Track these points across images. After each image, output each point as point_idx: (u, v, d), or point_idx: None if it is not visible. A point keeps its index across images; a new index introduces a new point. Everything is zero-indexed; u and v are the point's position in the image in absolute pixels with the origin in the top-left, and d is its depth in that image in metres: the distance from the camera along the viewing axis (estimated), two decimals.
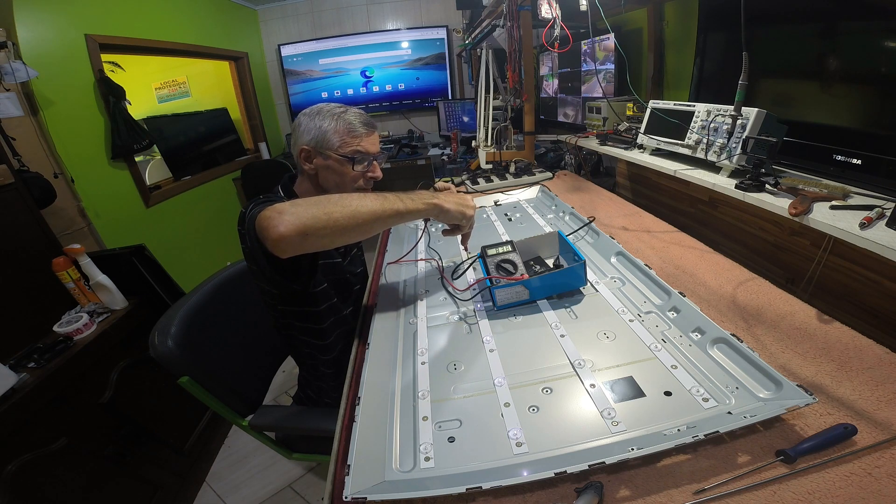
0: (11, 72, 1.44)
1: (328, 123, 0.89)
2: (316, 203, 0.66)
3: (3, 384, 1.00)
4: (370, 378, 0.66)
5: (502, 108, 1.81)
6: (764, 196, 0.94)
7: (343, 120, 0.90)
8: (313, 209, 0.64)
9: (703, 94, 1.52)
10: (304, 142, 0.90)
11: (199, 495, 1.53)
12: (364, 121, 0.93)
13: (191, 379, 0.86)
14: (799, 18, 1.12)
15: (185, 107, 2.92)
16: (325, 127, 0.89)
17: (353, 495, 0.47)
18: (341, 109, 0.92)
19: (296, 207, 0.64)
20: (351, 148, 0.90)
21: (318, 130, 0.89)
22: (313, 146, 0.90)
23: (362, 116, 0.93)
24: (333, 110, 0.91)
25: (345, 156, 0.90)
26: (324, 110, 0.91)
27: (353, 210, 0.67)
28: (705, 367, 0.62)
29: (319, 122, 0.90)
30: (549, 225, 1.25)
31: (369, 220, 0.69)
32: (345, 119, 0.90)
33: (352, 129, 0.90)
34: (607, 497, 0.47)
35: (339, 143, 0.90)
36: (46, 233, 1.35)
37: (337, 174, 0.92)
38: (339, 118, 0.90)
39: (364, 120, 0.93)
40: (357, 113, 0.93)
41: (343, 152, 0.90)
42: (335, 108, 0.91)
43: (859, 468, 0.46)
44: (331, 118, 0.90)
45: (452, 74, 3.70)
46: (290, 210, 0.63)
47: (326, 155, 0.90)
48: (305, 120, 0.91)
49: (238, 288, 1.09)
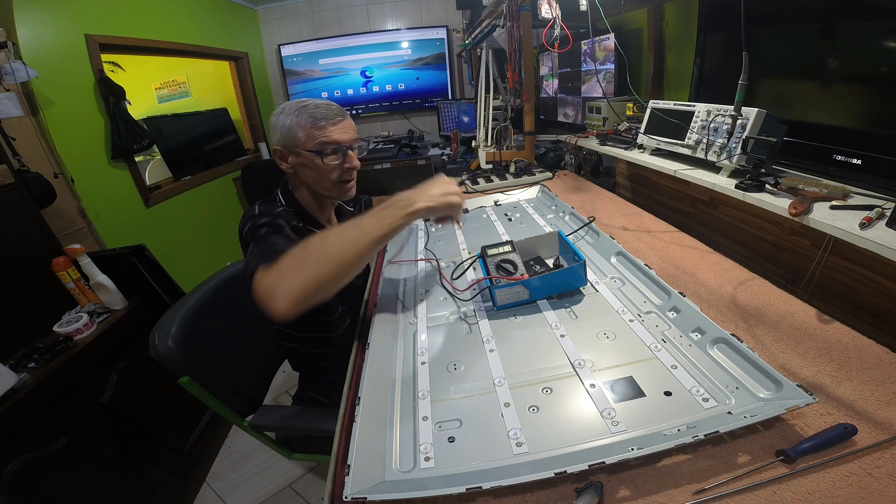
0: (11, 72, 1.44)
1: (290, 119, 0.87)
2: (303, 265, 0.64)
3: (3, 384, 1.00)
4: (370, 378, 0.66)
5: (502, 108, 1.81)
6: (764, 196, 0.94)
7: (305, 113, 0.87)
8: (302, 274, 0.63)
9: (703, 94, 1.52)
10: (275, 142, 0.90)
11: (199, 495, 1.53)
12: (326, 111, 0.89)
13: (191, 379, 0.86)
14: (799, 18, 1.12)
15: (185, 107, 2.92)
16: (288, 123, 0.88)
17: (353, 495, 0.47)
18: (303, 104, 0.89)
19: (283, 278, 0.63)
20: (318, 140, 0.87)
21: (284, 128, 0.88)
22: (283, 145, 0.90)
23: (327, 107, 0.89)
24: (295, 105, 0.89)
25: (312, 150, 0.87)
26: (287, 107, 0.89)
27: (338, 260, 0.65)
28: (705, 367, 0.62)
29: (283, 120, 0.88)
30: (549, 225, 1.25)
31: (355, 260, 0.67)
32: (306, 112, 0.87)
33: (315, 122, 0.87)
34: (607, 497, 0.47)
35: (304, 137, 0.87)
36: (46, 233, 1.35)
37: (312, 169, 0.90)
38: (301, 112, 0.87)
39: (326, 110, 0.89)
40: (320, 104, 0.89)
41: (310, 146, 0.87)
42: (298, 103, 0.89)
43: (859, 468, 0.46)
44: (293, 114, 0.88)
45: (452, 74, 3.69)
46: (280, 283, 0.62)
47: (297, 152, 0.89)
48: (273, 119, 0.91)
49: (238, 288, 1.09)
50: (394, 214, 0.70)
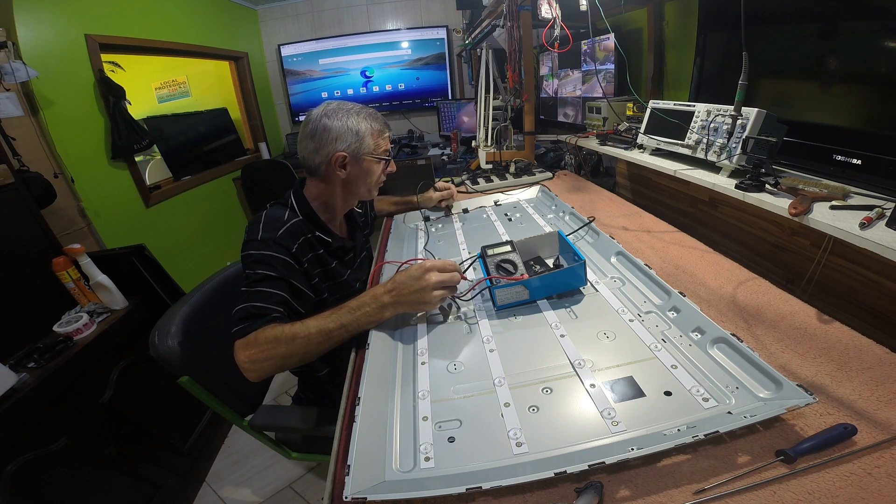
0: (11, 72, 1.44)
1: (364, 125, 0.88)
2: (272, 356, 0.72)
3: (3, 384, 1.00)
4: (370, 378, 0.66)
5: (502, 108, 1.81)
6: (764, 196, 0.94)
7: (376, 120, 0.91)
8: (271, 363, 0.73)
9: (703, 94, 1.52)
10: (341, 149, 0.87)
11: (199, 495, 1.53)
12: (382, 117, 0.94)
13: (191, 379, 0.86)
14: (799, 18, 1.12)
15: (185, 107, 2.92)
16: (362, 131, 0.88)
17: (353, 495, 0.47)
18: (367, 110, 0.91)
19: (255, 364, 0.72)
20: (384, 148, 0.92)
21: (355, 134, 0.87)
22: (351, 152, 0.87)
23: (379, 114, 0.94)
24: (361, 111, 0.89)
25: (380, 157, 0.91)
26: (351, 112, 0.88)
27: (302, 356, 0.74)
28: (705, 367, 0.62)
29: (355, 126, 0.87)
30: (549, 225, 1.25)
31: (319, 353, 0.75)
32: (376, 119, 0.91)
33: (383, 128, 0.92)
34: (607, 497, 0.47)
35: (374, 145, 0.90)
36: (46, 233, 1.35)
37: (368, 175, 0.93)
38: (372, 119, 0.90)
39: (381, 116, 0.94)
40: (374, 111, 0.93)
41: (378, 153, 0.91)
42: (362, 109, 0.90)
43: (859, 468, 0.46)
44: (363, 120, 0.89)
45: (452, 74, 3.70)
46: (252, 368, 0.73)
47: (361, 159, 0.89)
48: (337, 124, 0.86)
49: (238, 288, 1.09)
50: (371, 313, 0.76)
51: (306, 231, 0.91)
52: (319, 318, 0.75)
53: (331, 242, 0.96)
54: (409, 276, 0.76)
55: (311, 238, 0.92)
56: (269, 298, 0.78)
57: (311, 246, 0.92)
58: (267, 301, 0.78)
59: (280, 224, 0.87)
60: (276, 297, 0.79)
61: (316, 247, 0.93)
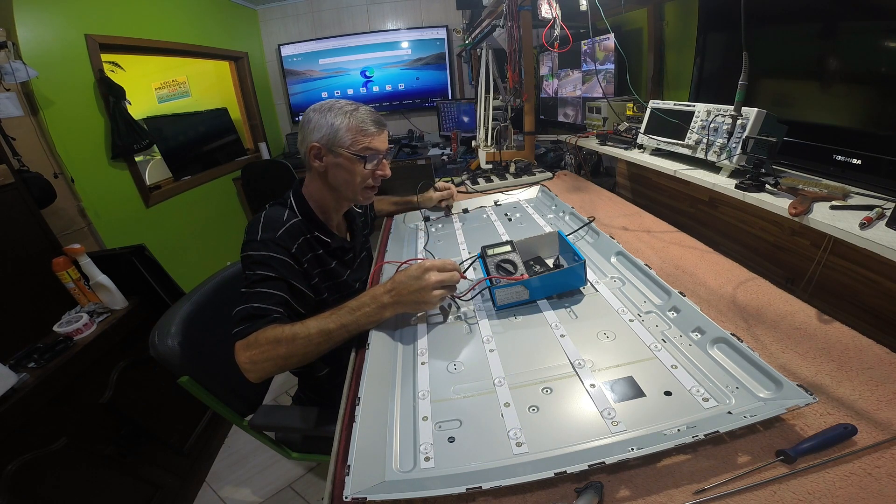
0: (11, 72, 1.44)
1: (340, 120, 0.88)
2: (273, 357, 0.73)
3: (3, 384, 1.00)
4: (370, 378, 0.66)
5: (502, 108, 1.81)
6: (764, 196, 0.94)
7: (356, 117, 0.89)
8: (271, 363, 0.74)
9: (703, 94, 1.52)
10: (315, 139, 0.89)
11: (199, 495, 1.53)
12: (375, 119, 0.92)
13: (191, 379, 0.86)
14: (799, 18, 1.12)
15: (185, 107, 2.92)
16: (336, 124, 0.88)
17: (353, 495, 0.47)
18: (353, 107, 0.90)
19: (256, 365, 0.73)
20: (362, 146, 0.90)
21: (330, 128, 0.88)
22: (324, 143, 0.88)
23: (374, 114, 0.93)
24: (345, 107, 0.89)
25: (356, 154, 0.89)
26: (335, 107, 0.89)
27: (302, 356, 0.74)
28: (705, 367, 0.62)
29: (331, 119, 0.88)
30: (549, 225, 1.25)
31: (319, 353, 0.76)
32: (357, 116, 0.89)
33: (364, 128, 0.89)
34: (607, 497, 0.47)
35: (350, 140, 0.89)
36: (46, 233, 1.35)
37: (347, 172, 0.91)
38: (352, 115, 0.89)
39: (375, 118, 0.92)
40: (368, 111, 0.92)
41: (354, 150, 0.89)
42: (347, 105, 0.90)
43: (859, 468, 0.46)
44: (343, 115, 0.88)
45: (452, 74, 3.70)
46: (253, 368, 0.74)
47: (337, 153, 0.89)
48: (316, 116, 0.89)
49: (238, 288, 1.09)
50: (371, 314, 0.76)
51: (305, 231, 0.91)
52: (319, 319, 0.75)
53: (330, 243, 0.96)
54: (409, 276, 0.76)
55: (311, 238, 0.92)
56: (269, 299, 0.78)
57: (310, 246, 0.92)
58: (267, 302, 0.78)
59: (279, 224, 0.87)
60: (276, 297, 0.79)
61: (315, 247, 0.94)
